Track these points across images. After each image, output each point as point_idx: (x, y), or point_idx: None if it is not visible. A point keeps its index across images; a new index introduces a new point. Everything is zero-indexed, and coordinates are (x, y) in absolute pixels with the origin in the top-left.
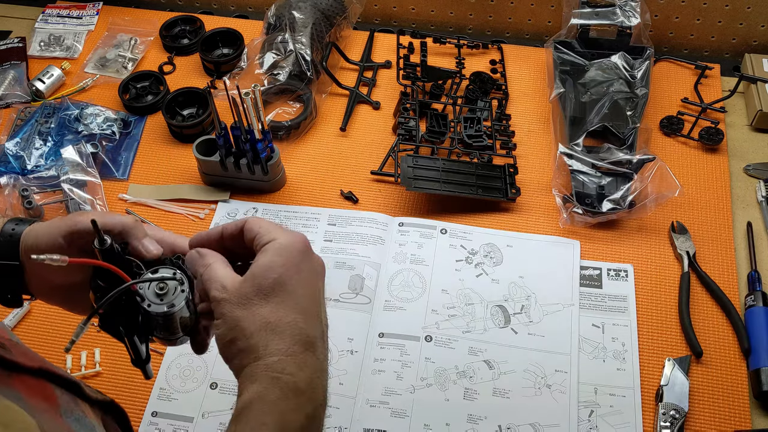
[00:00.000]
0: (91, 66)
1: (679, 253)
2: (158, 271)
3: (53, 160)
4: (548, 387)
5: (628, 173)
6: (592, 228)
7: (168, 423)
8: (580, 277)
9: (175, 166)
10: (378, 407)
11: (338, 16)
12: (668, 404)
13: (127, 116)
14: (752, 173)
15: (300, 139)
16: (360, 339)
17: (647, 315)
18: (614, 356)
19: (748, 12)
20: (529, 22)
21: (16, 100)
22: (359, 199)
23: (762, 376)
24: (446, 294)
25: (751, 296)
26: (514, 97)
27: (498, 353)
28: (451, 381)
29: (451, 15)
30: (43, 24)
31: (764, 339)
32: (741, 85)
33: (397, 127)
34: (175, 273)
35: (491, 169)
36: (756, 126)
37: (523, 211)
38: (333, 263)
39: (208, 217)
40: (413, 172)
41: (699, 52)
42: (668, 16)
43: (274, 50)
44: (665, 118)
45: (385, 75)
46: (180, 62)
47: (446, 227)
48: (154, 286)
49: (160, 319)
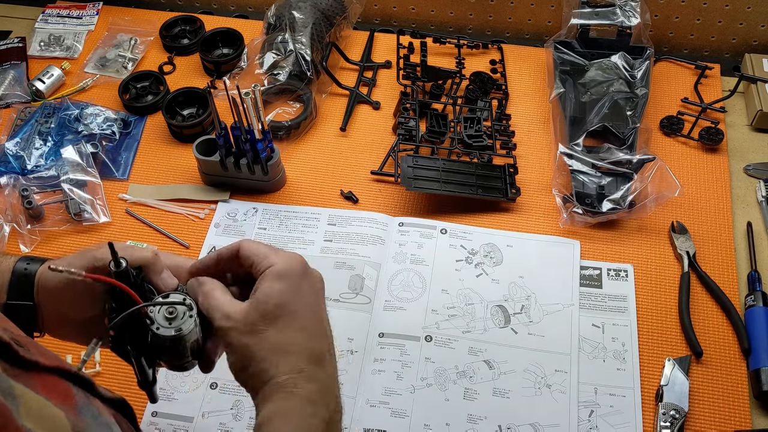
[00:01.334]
0: (91, 66)
1: (679, 253)
2: (169, 296)
3: (53, 160)
4: (548, 387)
5: (628, 173)
6: (592, 228)
7: (168, 423)
8: (580, 277)
9: (175, 166)
10: (378, 407)
11: (338, 16)
12: (668, 404)
13: (127, 116)
14: (752, 173)
15: (300, 139)
16: (360, 339)
17: (647, 315)
18: (614, 356)
19: (748, 12)
20: (529, 22)
21: (16, 100)
22: (359, 199)
23: (762, 376)
24: (446, 294)
25: (751, 296)
26: (514, 97)
27: (498, 353)
28: (451, 381)
29: (451, 15)
30: (43, 24)
31: (764, 339)
32: (741, 85)
33: (397, 127)
34: (184, 299)
35: (491, 169)
36: (756, 126)
37: (523, 211)
38: (333, 263)
39: (208, 217)
40: (413, 172)
41: (699, 52)
42: (668, 16)
43: (274, 50)
44: (665, 118)
45: (385, 75)
46: (180, 62)
47: (446, 227)
48: (164, 310)
49: (168, 342)
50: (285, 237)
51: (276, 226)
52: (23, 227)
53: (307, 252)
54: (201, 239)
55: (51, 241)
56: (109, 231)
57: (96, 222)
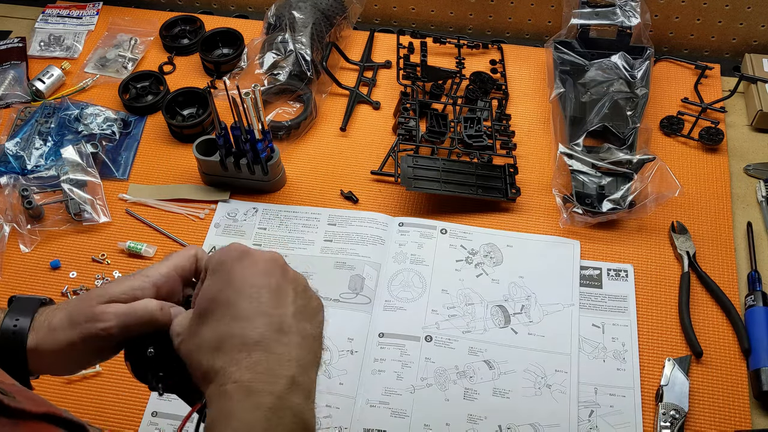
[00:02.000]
0: (91, 66)
1: (679, 253)
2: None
3: (53, 160)
4: (548, 387)
5: (628, 173)
6: (592, 228)
7: (168, 423)
8: (580, 277)
9: (175, 166)
10: (378, 407)
11: (338, 16)
12: (668, 404)
13: (127, 116)
14: (752, 173)
15: (300, 139)
16: (360, 339)
17: (647, 315)
18: (614, 356)
19: (748, 12)
20: (529, 22)
21: (16, 100)
22: (359, 199)
23: (762, 376)
24: (446, 294)
25: (751, 296)
26: (514, 97)
27: (498, 353)
28: (451, 381)
29: (451, 15)
30: (43, 24)
31: (764, 339)
32: (741, 85)
33: (397, 127)
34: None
35: (491, 169)
36: (756, 126)
37: (523, 211)
38: (333, 263)
39: (208, 217)
40: (413, 172)
41: (699, 52)
42: (668, 16)
43: (274, 50)
44: (665, 118)
45: (385, 75)
46: (180, 62)
47: (446, 227)
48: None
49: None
50: (285, 237)
51: (276, 226)
52: (23, 227)
53: (307, 252)
54: (201, 239)
55: (51, 241)
56: (109, 231)
57: (96, 222)
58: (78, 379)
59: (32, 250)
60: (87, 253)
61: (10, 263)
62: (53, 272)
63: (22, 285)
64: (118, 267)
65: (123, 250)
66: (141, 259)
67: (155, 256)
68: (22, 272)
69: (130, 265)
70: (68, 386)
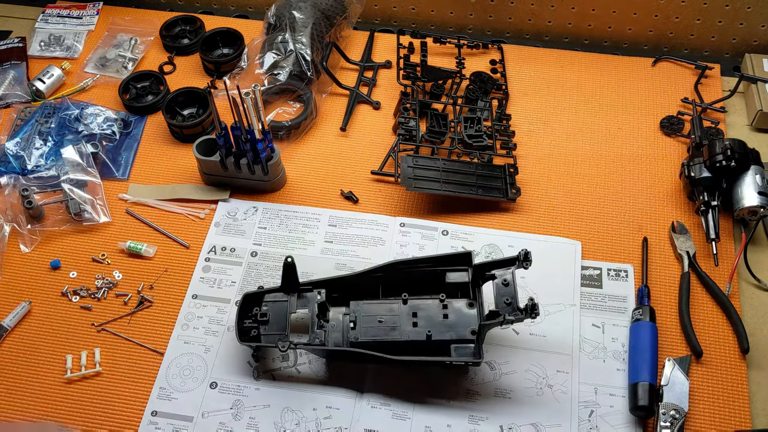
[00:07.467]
0: (91, 66)
1: (679, 253)
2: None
3: (53, 160)
4: (550, 387)
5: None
6: (593, 228)
7: (168, 422)
8: (581, 277)
9: (175, 166)
10: (379, 408)
11: (338, 16)
12: (668, 404)
13: (128, 116)
14: None
15: (300, 139)
16: None
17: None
18: (614, 356)
19: (748, 12)
20: (529, 22)
21: (16, 100)
22: (359, 199)
23: (639, 390)
24: None
25: (639, 310)
26: (514, 97)
27: (499, 353)
28: (452, 381)
29: (451, 15)
30: (43, 24)
31: (646, 353)
32: (741, 85)
33: (397, 127)
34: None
35: (491, 169)
36: (756, 126)
37: (524, 211)
38: (333, 265)
39: (208, 217)
40: (413, 172)
41: (699, 52)
42: (668, 16)
43: (274, 50)
44: (665, 118)
45: (385, 75)
46: (180, 62)
47: (447, 228)
48: None
49: None
50: (285, 237)
51: (276, 225)
52: (23, 227)
53: (308, 252)
54: (201, 239)
55: (51, 241)
56: (110, 231)
57: (96, 222)
58: (78, 379)
59: (32, 250)
60: (87, 253)
61: (11, 263)
62: (53, 272)
63: (22, 285)
64: (118, 267)
65: (123, 250)
66: (141, 259)
67: (155, 256)
68: (23, 272)
69: (130, 265)
70: (68, 386)
